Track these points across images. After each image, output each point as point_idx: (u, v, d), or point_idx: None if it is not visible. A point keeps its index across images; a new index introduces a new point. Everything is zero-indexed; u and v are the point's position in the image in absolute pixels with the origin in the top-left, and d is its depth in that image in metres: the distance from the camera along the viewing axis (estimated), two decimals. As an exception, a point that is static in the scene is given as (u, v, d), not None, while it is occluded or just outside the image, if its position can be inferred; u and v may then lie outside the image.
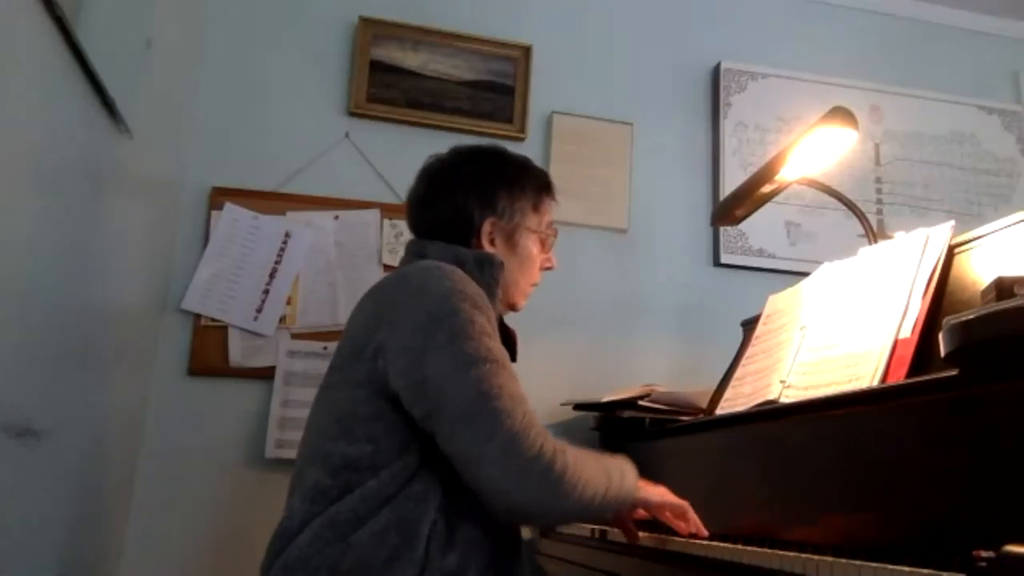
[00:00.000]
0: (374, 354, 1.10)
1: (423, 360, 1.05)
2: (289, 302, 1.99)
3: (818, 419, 1.04)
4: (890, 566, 0.69)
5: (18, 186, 1.12)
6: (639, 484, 1.15)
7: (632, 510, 1.18)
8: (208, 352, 1.93)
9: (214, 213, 1.99)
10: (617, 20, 2.39)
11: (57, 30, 1.16)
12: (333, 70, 2.16)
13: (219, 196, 2.01)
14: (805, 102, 2.41)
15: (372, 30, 2.18)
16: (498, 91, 2.23)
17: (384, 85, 2.16)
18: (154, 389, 1.90)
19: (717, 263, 2.29)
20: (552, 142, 2.25)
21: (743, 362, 1.44)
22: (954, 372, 0.80)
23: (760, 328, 1.45)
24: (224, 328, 1.95)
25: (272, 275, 1.99)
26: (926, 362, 0.98)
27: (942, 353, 0.77)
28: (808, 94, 2.43)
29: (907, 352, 1.01)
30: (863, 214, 1.67)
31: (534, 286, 1.37)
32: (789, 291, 1.41)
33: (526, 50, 2.26)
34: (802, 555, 0.80)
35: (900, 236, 1.17)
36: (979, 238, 1.03)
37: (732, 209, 1.76)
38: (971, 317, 0.74)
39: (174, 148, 1.96)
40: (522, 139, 2.21)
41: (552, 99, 2.27)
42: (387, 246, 2.05)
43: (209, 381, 1.93)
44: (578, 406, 1.89)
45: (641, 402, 1.69)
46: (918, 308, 1.04)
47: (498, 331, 1.16)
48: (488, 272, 1.23)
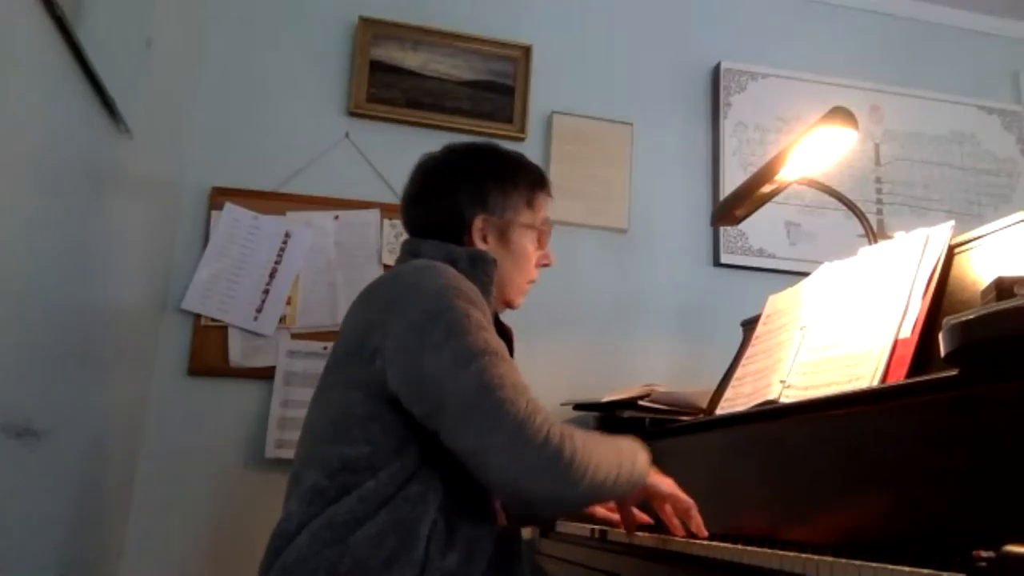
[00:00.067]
0: (371, 355, 1.09)
1: (422, 359, 1.05)
2: (289, 302, 1.99)
3: (818, 419, 1.04)
4: (890, 566, 0.68)
5: (18, 186, 1.12)
6: (651, 471, 1.14)
7: (640, 494, 1.16)
8: (208, 352, 1.93)
9: (214, 213, 1.99)
10: (617, 20, 2.39)
11: (57, 30, 1.16)
12: (333, 70, 2.16)
13: (219, 196, 2.01)
14: (805, 102, 2.41)
15: (372, 30, 2.18)
16: (498, 91, 2.23)
17: (384, 85, 2.16)
18: (154, 389, 1.90)
19: (717, 263, 2.29)
20: (552, 142, 2.25)
21: (743, 362, 1.44)
22: (954, 372, 0.80)
23: (760, 328, 1.45)
24: (224, 328, 1.95)
25: (272, 275, 1.99)
26: (926, 362, 0.98)
27: (942, 353, 0.77)
28: (808, 94, 2.43)
29: (907, 352, 1.01)
30: (863, 214, 1.67)
31: (532, 283, 1.36)
32: (789, 291, 1.41)
33: (526, 50, 2.26)
34: (802, 555, 0.80)
35: (900, 236, 1.17)
36: (979, 238, 1.03)
37: (732, 209, 1.76)
38: (971, 317, 0.74)
39: (174, 148, 1.96)
40: (522, 139, 2.21)
41: (552, 99, 2.27)
42: (387, 246, 2.05)
43: (209, 381, 1.93)
44: (578, 406, 1.89)
45: (641, 402, 1.69)
46: (918, 308, 1.04)
47: (494, 328, 1.15)
48: (481, 269, 1.22)
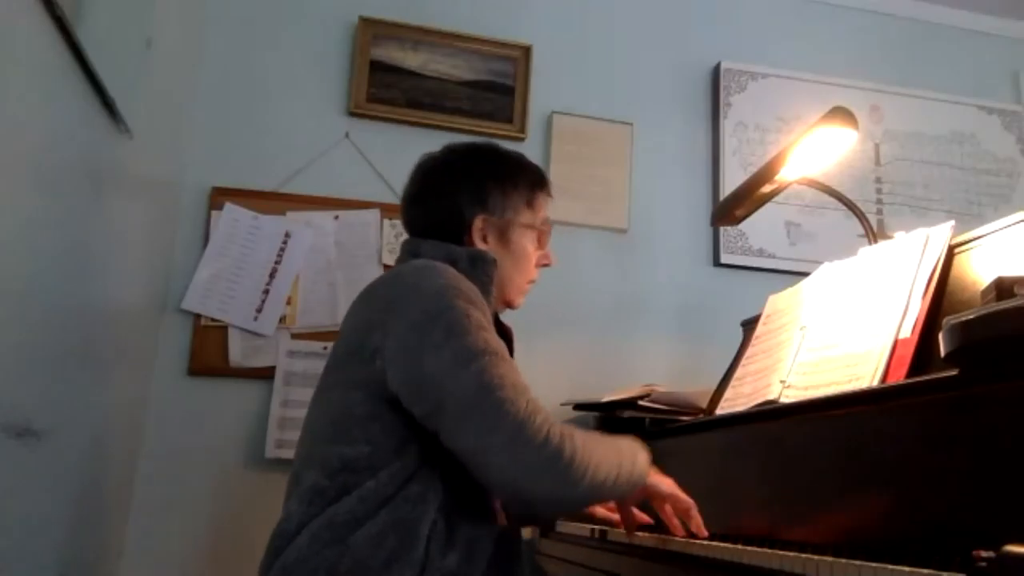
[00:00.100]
0: (371, 355, 1.09)
1: (421, 359, 1.05)
2: (289, 302, 1.99)
3: (818, 419, 1.04)
4: (890, 566, 0.68)
5: (18, 186, 1.12)
6: (651, 471, 1.14)
7: (641, 494, 1.16)
8: (208, 352, 1.93)
9: (214, 213, 1.99)
10: (617, 20, 2.39)
11: (57, 30, 1.16)
12: (333, 70, 2.16)
13: (219, 196, 2.01)
14: (805, 102, 2.41)
15: (372, 30, 2.18)
16: (498, 91, 2.23)
17: (384, 85, 2.16)
18: (154, 389, 1.90)
19: (717, 263, 2.29)
20: (552, 142, 2.25)
21: (743, 362, 1.44)
22: (954, 372, 0.80)
23: (760, 328, 1.45)
24: (224, 328, 1.95)
25: (272, 275, 1.99)
26: (926, 362, 0.98)
27: (942, 353, 0.77)
28: (808, 94, 2.43)
29: (907, 352, 1.01)
30: (863, 214, 1.67)
31: (532, 283, 1.36)
32: (789, 291, 1.41)
33: (526, 50, 2.26)
34: (802, 555, 0.80)
35: (900, 236, 1.17)
36: (979, 238, 1.03)
37: (732, 209, 1.76)
38: (971, 317, 0.74)
39: (174, 148, 1.96)
40: (522, 139, 2.21)
41: (552, 99, 2.27)
42: (387, 246, 2.05)
43: (209, 381, 1.93)
44: (578, 406, 1.89)
45: (641, 402, 1.69)
46: (918, 308, 1.04)
47: (494, 328, 1.15)
48: (481, 269, 1.22)
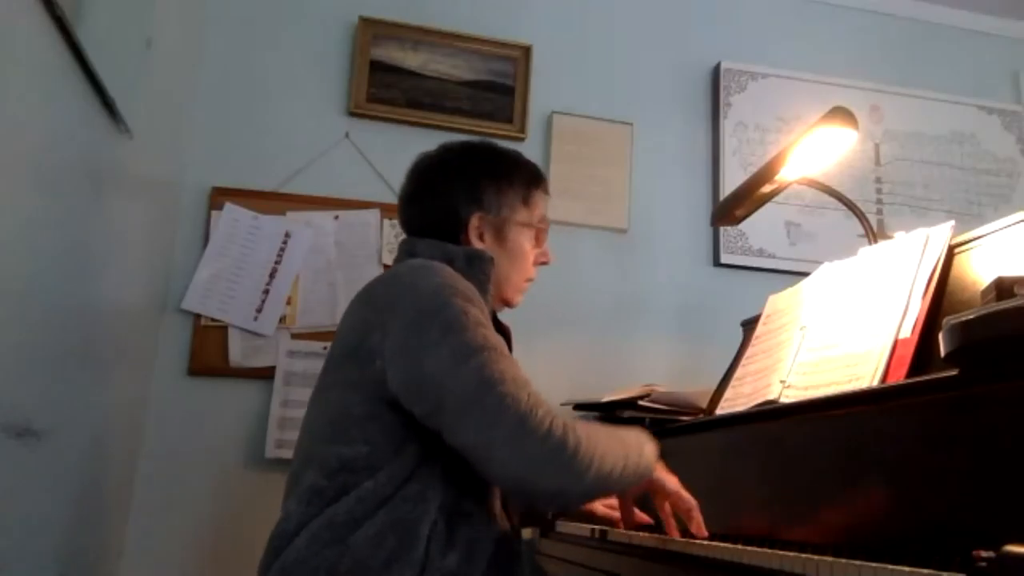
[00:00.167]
0: (369, 356, 1.09)
1: (420, 358, 1.05)
2: (289, 302, 1.99)
3: (818, 419, 1.03)
4: (890, 566, 0.68)
5: (18, 186, 1.12)
6: (658, 464, 1.13)
7: (646, 486, 1.14)
8: (208, 352, 1.93)
9: (214, 213, 1.99)
10: (617, 20, 2.39)
11: (57, 30, 1.16)
12: (333, 70, 2.16)
13: (219, 196, 2.01)
14: (805, 102, 2.41)
15: (372, 30, 2.18)
16: (498, 91, 2.23)
17: (384, 85, 2.16)
18: (154, 389, 1.90)
19: (717, 263, 2.29)
20: (552, 142, 2.25)
21: (743, 362, 1.44)
22: (954, 372, 0.80)
23: (760, 328, 1.45)
24: (224, 328, 1.95)
25: (272, 275, 1.99)
26: (926, 362, 0.97)
27: (942, 353, 0.77)
28: (808, 94, 2.43)
29: (907, 352, 1.01)
30: (863, 214, 1.67)
31: (529, 281, 1.35)
32: (789, 291, 1.41)
33: (526, 50, 2.26)
34: (802, 555, 0.80)
35: (900, 236, 1.17)
36: (979, 238, 1.03)
37: (732, 209, 1.76)
38: (971, 317, 0.74)
39: (174, 148, 1.96)
40: (522, 139, 2.21)
41: (552, 99, 2.27)
42: (387, 246, 2.05)
43: (209, 381, 1.93)
44: (578, 406, 1.89)
45: (641, 402, 1.69)
46: (918, 308, 1.04)
47: (492, 326, 1.15)
48: (478, 268, 1.22)
